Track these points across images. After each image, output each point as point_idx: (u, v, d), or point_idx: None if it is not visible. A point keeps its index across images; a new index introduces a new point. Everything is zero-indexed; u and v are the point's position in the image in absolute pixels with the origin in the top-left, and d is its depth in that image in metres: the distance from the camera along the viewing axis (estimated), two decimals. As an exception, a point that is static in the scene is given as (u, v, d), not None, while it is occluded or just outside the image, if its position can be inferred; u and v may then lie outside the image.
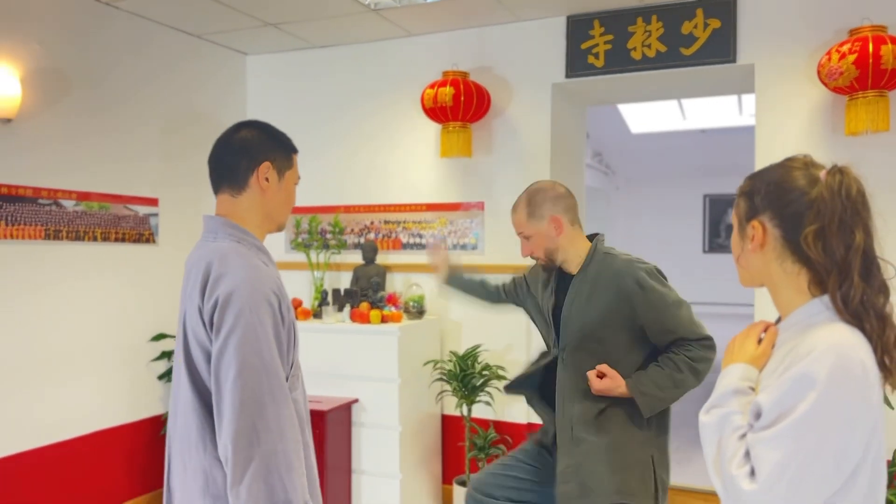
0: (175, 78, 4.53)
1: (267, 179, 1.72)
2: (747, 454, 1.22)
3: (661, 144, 12.67)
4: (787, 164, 1.34)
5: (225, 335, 1.52)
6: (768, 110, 3.81)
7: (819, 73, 3.47)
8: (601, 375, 2.29)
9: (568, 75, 4.21)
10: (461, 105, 4.06)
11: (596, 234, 2.50)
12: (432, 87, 4.15)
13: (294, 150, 1.82)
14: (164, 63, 4.45)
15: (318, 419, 3.85)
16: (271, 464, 1.49)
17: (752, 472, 1.20)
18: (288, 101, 4.98)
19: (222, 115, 4.83)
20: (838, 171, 1.28)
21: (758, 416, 1.23)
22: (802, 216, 1.27)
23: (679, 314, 2.23)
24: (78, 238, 3.91)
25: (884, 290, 1.27)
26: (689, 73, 4.00)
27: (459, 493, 4.05)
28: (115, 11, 4.11)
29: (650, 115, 11.85)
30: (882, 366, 1.23)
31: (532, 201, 2.43)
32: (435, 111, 4.14)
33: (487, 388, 4.05)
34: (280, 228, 1.82)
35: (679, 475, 4.09)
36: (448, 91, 4.06)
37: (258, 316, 1.54)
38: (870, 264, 1.27)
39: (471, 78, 4.24)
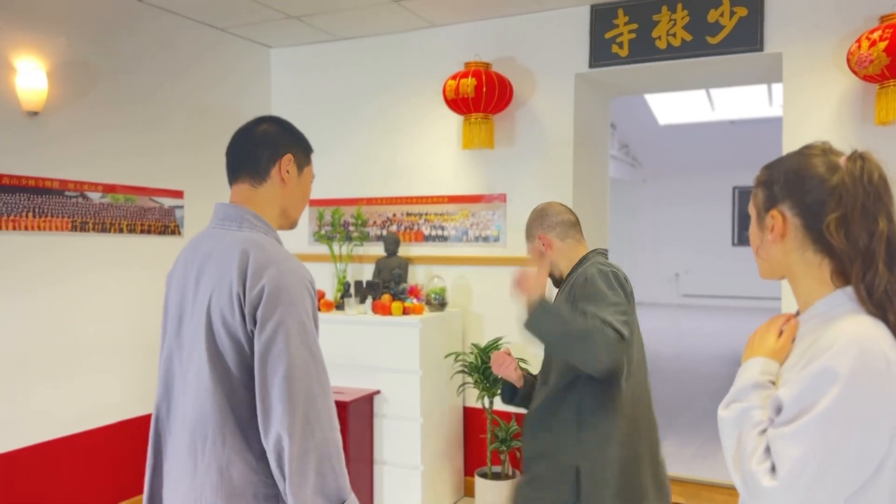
0: (200, 71, 4.56)
1: (288, 172, 1.71)
2: (767, 450, 1.19)
3: (690, 136, 12.54)
4: (805, 152, 1.30)
5: (274, 327, 1.50)
6: (796, 99, 3.74)
7: (849, 61, 3.39)
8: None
9: (591, 65, 4.16)
10: (483, 96, 4.04)
11: (596, 250, 2.46)
12: (454, 78, 4.13)
13: (310, 148, 1.82)
14: (188, 56, 4.48)
15: (341, 410, 3.86)
16: (323, 453, 1.49)
17: (773, 469, 1.17)
18: (311, 94, 4.99)
19: (246, 107, 4.86)
20: (859, 157, 1.25)
21: (778, 410, 1.21)
22: (824, 204, 1.24)
23: (606, 308, 2.11)
24: (104, 230, 3.96)
25: None
26: (716, 62, 3.94)
27: (481, 485, 4.05)
28: (141, 6, 4.15)
29: (678, 106, 11.72)
30: None
31: (527, 225, 2.53)
32: (457, 102, 4.13)
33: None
34: (292, 226, 1.81)
35: (703, 470, 4.06)
36: (470, 82, 4.04)
37: (305, 308, 1.54)
38: (894, 252, 1.23)
39: (493, 69, 4.21)
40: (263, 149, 1.71)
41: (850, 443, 1.14)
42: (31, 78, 3.56)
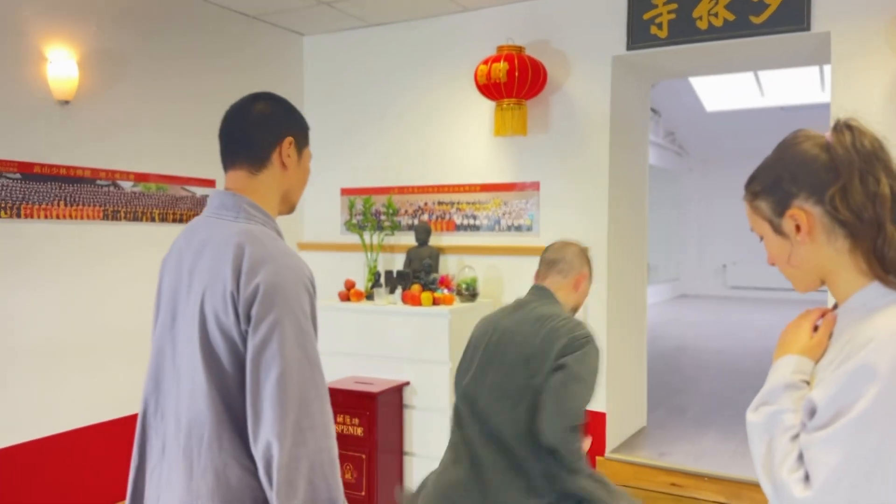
0: (232, 59, 4.54)
1: (289, 156, 1.61)
2: (800, 457, 1.11)
3: (738, 123, 12.17)
4: (791, 144, 1.24)
5: (268, 327, 1.41)
6: (845, 81, 3.54)
7: (903, 38, 3.19)
8: None
9: (629, 47, 4.02)
10: (515, 81, 3.93)
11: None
12: (486, 62, 4.02)
13: (308, 127, 1.71)
14: (221, 45, 4.46)
15: (369, 402, 3.82)
16: (316, 463, 1.39)
17: (807, 477, 1.08)
18: (343, 82, 4.94)
19: (279, 93, 4.83)
20: (844, 127, 1.19)
21: (812, 413, 1.11)
22: (829, 183, 1.16)
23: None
24: (135, 218, 3.97)
25: None
26: (760, 42, 3.76)
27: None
28: (171, -7, 4.14)
29: (726, 91, 11.37)
30: None
31: (569, 262, 2.51)
32: (488, 88, 4.02)
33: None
34: (291, 210, 1.70)
35: (744, 467, 3.90)
36: (502, 66, 3.93)
37: (302, 307, 1.45)
38: None
39: (526, 52, 4.10)
40: (262, 132, 1.59)
41: (892, 447, 1.04)
42: (62, 67, 3.57)
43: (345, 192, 4.90)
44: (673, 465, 3.98)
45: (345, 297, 4.33)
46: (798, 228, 1.20)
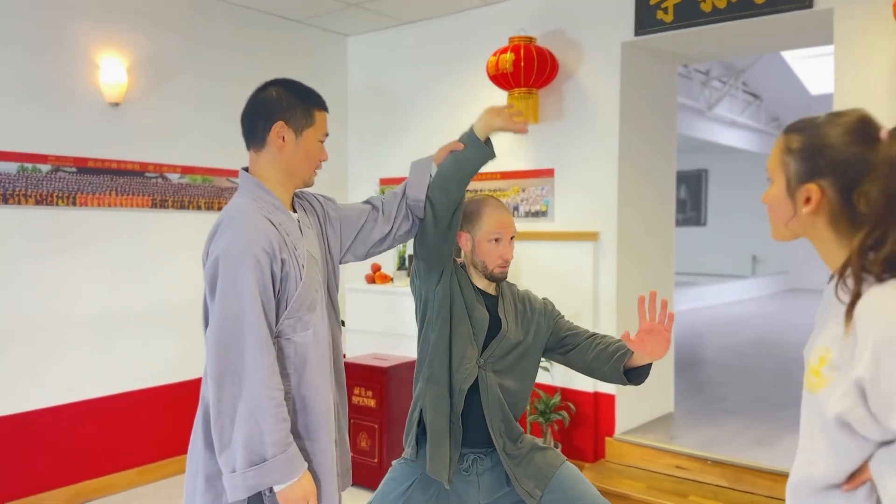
0: (277, 61, 4.92)
1: (283, 139, 1.84)
2: None
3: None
4: (844, 123, 1.24)
5: (211, 289, 1.74)
6: (849, 61, 3.43)
7: None
8: None
9: (637, 32, 4.05)
10: (521, 70, 4.06)
11: None
12: (496, 54, 4.18)
13: (317, 107, 1.90)
14: (265, 47, 4.85)
15: (381, 375, 4.08)
16: (243, 407, 1.67)
17: None
18: (382, 78, 5.23)
19: (324, 95, 5.17)
20: None
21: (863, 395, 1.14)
22: (863, 177, 1.20)
23: None
24: (182, 207, 4.43)
25: None
26: (762, 23, 3.69)
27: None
28: (217, 2, 4.56)
29: (830, 74, 10.73)
30: None
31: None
32: (497, 78, 4.18)
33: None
34: (307, 184, 1.94)
35: (758, 455, 3.86)
36: (508, 57, 4.08)
37: (244, 273, 1.71)
38: None
39: (539, 42, 4.22)
40: (258, 118, 1.87)
41: None
42: (113, 73, 4.06)
43: (383, 181, 5.19)
44: (679, 447, 3.99)
45: (370, 280, 4.62)
46: (808, 201, 1.25)
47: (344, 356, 2.59)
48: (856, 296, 1.18)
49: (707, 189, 14.45)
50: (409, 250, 4.90)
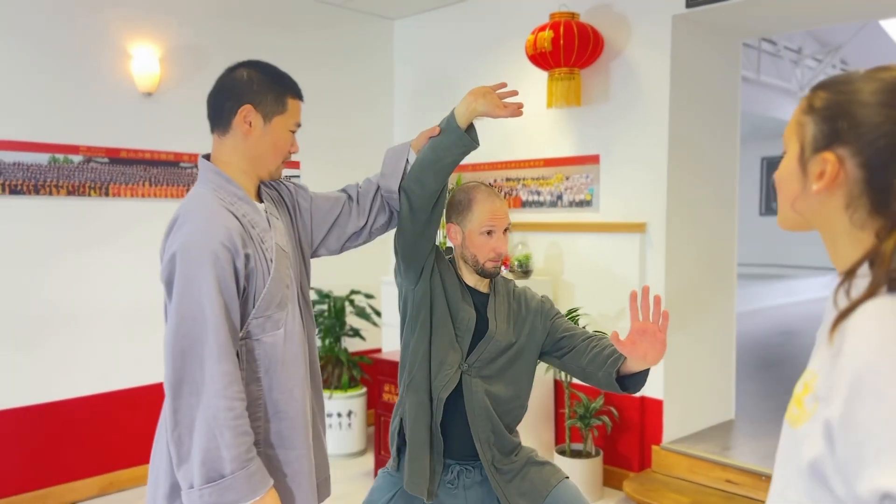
0: (320, 47, 4.80)
1: (250, 124, 1.70)
2: None
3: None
4: (883, 76, 0.95)
5: (167, 288, 1.60)
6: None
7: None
8: None
9: (688, 4, 3.68)
10: (561, 49, 3.77)
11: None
12: (534, 32, 3.91)
13: (290, 94, 1.75)
14: (303, 34, 4.74)
15: (411, 373, 3.90)
16: (199, 418, 1.53)
17: None
18: (427, 61, 5.02)
19: (369, 81, 5.04)
20: None
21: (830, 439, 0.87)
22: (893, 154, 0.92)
23: None
24: (218, 197, 4.37)
25: None
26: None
27: (559, 463, 3.86)
28: (253, -11, 4.48)
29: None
30: None
31: None
32: (536, 58, 3.90)
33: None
34: (272, 176, 1.77)
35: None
36: (546, 35, 3.80)
37: (202, 270, 1.56)
38: None
39: (582, 18, 3.91)
40: (226, 99, 1.72)
41: None
42: (146, 63, 4.03)
43: (427, 170, 5.00)
44: (731, 460, 3.63)
45: (407, 273, 4.45)
46: (821, 175, 0.97)
47: (378, 351, 2.41)
48: (852, 305, 0.90)
49: (802, 176, 13.54)
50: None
